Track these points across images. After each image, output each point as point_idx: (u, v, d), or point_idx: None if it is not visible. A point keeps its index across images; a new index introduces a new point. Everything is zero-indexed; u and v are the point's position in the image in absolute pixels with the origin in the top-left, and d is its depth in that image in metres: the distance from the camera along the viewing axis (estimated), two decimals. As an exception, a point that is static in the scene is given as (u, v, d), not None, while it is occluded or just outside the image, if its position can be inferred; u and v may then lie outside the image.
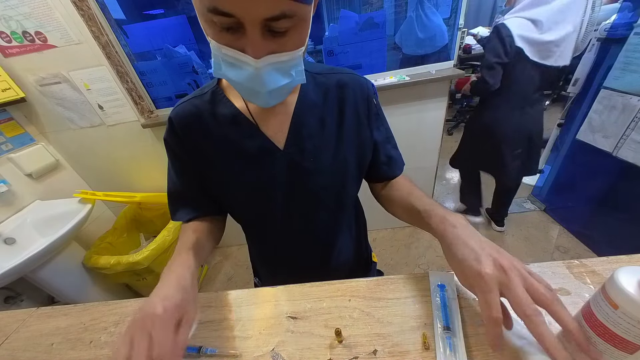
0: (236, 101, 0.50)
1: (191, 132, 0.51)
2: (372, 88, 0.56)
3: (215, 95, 0.51)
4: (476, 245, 0.37)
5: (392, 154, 0.61)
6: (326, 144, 0.52)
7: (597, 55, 1.53)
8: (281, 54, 0.36)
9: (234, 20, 0.32)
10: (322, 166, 0.52)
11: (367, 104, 0.55)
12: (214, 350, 0.45)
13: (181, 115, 0.51)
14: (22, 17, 1.16)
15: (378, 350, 0.42)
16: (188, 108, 0.51)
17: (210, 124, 0.51)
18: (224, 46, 0.35)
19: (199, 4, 0.34)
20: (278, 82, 0.39)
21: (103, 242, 1.49)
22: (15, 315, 0.61)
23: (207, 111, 0.51)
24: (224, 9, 0.31)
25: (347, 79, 0.54)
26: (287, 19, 0.33)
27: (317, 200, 0.55)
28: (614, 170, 1.44)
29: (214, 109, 0.51)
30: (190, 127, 0.51)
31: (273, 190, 0.53)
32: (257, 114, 0.50)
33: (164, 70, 1.42)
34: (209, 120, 0.51)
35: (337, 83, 0.53)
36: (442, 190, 2.35)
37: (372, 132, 0.57)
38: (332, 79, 0.53)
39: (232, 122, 0.50)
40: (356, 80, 0.54)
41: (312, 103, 0.51)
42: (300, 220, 0.57)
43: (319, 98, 0.52)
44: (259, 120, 0.50)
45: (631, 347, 0.30)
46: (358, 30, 1.36)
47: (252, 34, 0.33)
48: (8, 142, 1.34)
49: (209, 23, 0.35)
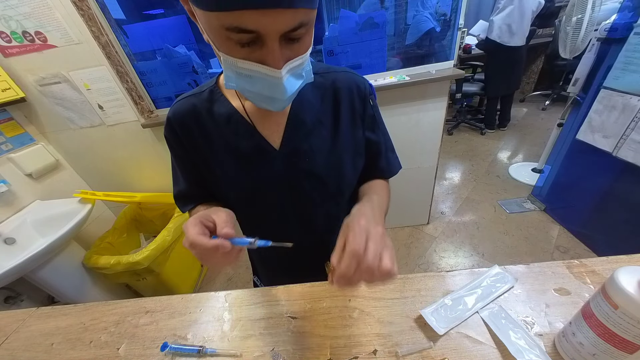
0: (233, 100, 0.50)
1: (189, 130, 0.52)
2: (370, 88, 0.56)
3: (213, 94, 0.51)
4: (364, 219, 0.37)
5: (390, 159, 0.61)
6: (322, 144, 0.52)
7: (597, 55, 1.53)
8: (295, 60, 0.37)
9: (253, 35, 0.32)
10: (317, 167, 0.52)
11: (363, 104, 0.54)
12: (214, 350, 0.45)
13: (178, 113, 0.52)
14: (22, 17, 1.16)
15: (378, 350, 0.42)
16: (185, 106, 0.51)
17: (207, 123, 0.51)
18: (240, 60, 0.35)
19: (214, 22, 0.32)
20: (294, 86, 0.40)
21: (103, 242, 1.48)
22: (15, 315, 0.61)
23: (204, 110, 0.51)
24: (247, 27, 0.31)
25: (344, 78, 0.53)
26: (303, 27, 0.34)
27: (313, 201, 0.55)
28: (614, 170, 1.44)
29: (211, 108, 0.51)
30: (187, 125, 0.51)
31: (269, 190, 0.53)
32: (254, 114, 0.50)
33: (164, 70, 1.42)
34: (206, 118, 0.51)
35: (334, 83, 0.53)
36: (442, 190, 2.35)
37: (366, 132, 0.56)
38: (329, 78, 0.53)
39: (229, 121, 0.50)
40: (353, 80, 0.54)
41: (308, 103, 0.51)
42: (297, 220, 0.57)
43: (315, 98, 0.52)
44: (255, 120, 0.50)
45: (631, 347, 0.30)
46: (358, 30, 1.36)
47: (272, 46, 0.33)
48: (8, 142, 1.34)
49: (223, 40, 0.34)
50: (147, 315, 0.55)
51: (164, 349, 0.47)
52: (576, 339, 0.36)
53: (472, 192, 2.28)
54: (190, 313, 0.54)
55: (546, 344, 0.41)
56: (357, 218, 0.37)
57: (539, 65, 3.81)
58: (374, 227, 0.35)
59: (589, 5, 1.51)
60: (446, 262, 1.73)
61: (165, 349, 0.47)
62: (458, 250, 1.78)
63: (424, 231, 1.96)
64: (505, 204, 2.08)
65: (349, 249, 0.33)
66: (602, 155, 1.44)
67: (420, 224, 2.01)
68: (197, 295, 0.58)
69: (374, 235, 0.34)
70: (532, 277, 0.50)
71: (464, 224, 1.97)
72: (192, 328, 0.51)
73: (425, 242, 1.87)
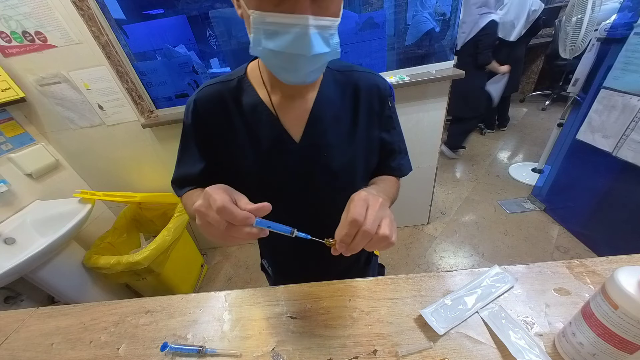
0: (260, 91, 0.51)
1: (214, 115, 0.52)
2: (390, 90, 0.57)
3: (242, 83, 0.52)
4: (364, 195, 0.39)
5: (402, 160, 0.63)
6: (339, 140, 0.53)
7: (597, 55, 1.53)
8: (324, 18, 0.38)
9: None
10: (334, 162, 0.54)
11: (381, 105, 0.56)
12: (214, 350, 0.45)
13: (205, 98, 0.52)
14: (22, 17, 1.16)
15: (378, 350, 0.42)
16: (212, 92, 0.52)
17: (233, 111, 0.52)
18: (269, 13, 0.36)
19: None
20: (321, 48, 0.40)
21: (103, 242, 1.48)
22: (15, 315, 0.61)
23: (230, 98, 0.52)
24: None
25: (366, 78, 0.55)
26: None
27: (325, 195, 0.56)
28: (614, 170, 1.44)
29: (237, 97, 0.52)
30: (213, 111, 0.52)
31: (284, 180, 0.54)
32: (278, 106, 0.51)
33: (164, 70, 1.42)
34: (232, 106, 0.52)
35: (356, 82, 0.54)
36: (442, 190, 2.35)
37: (381, 133, 0.58)
38: (351, 77, 0.54)
39: (254, 111, 0.51)
40: (374, 80, 0.56)
41: (329, 100, 0.53)
42: (307, 212, 0.58)
43: (336, 95, 0.53)
44: (280, 112, 0.51)
45: (631, 347, 0.30)
46: (358, 30, 1.36)
47: None
48: (8, 142, 1.34)
49: None
50: (147, 315, 0.55)
51: (164, 349, 0.47)
52: (576, 339, 0.36)
53: (472, 192, 2.28)
54: (190, 313, 0.54)
55: (546, 344, 0.41)
56: (359, 192, 0.40)
57: (539, 65, 3.81)
58: (373, 197, 0.38)
59: (589, 5, 1.51)
60: (446, 262, 1.73)
61: (165, 349, 0.47)
62: (458, 250, 1.78)
63: (424, 231, 1.96)
64: (505, 204, 2.08)
65: (349, 217, 0.36)
66: (602, 155, 1.44)
67: (420, 224, 2.01)
68: (197, 295, 0.58)
69: (373, 204, 0.37)
70: (532, 277, 0.50)
71: (464, 224, 1.97)
72: (192, 328, 0.51)
73: (425, 242, 1.87)
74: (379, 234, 0.36)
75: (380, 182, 0.58)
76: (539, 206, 1.99)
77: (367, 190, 0.41)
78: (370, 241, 0.36)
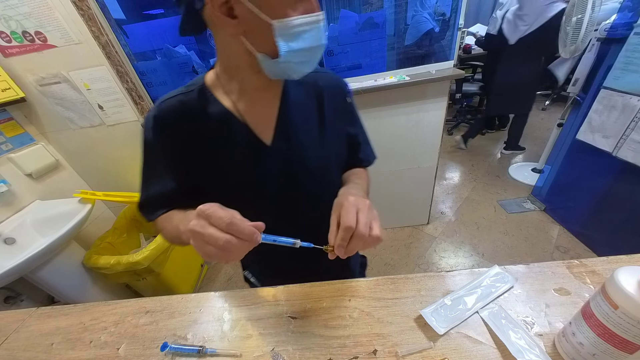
0: (223, 100, 0.51)
1: (179, 129, 0.50)
2: (347, 87, 0.62)
3: (203, 94, 0.51)
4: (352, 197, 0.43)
5: (367, 150, 0.67)
6: (311, 140, 0.55)
7: (597, 55, 1.53)
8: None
9: None
10: (309, 161, 0.54)
11: (343, 101, 0.60)
12: (214, 350, 0.45)
13: (167, 112, 0.50)
14: (22, 17, 1.16)
15: (378, 350, 0.42)
16: (174, 105, 0.50)
17: (199, 122, 0.50)
18: (296, 17, 0.40)
19: None
20: None
21: (103, 242, 1.48)
22: (15, 315, 0.61)
23: (195, 109, 0.50)
24: None
25: (326, 78, 0.58)
26: None
27: (306, 195, 0.57)
28: (614, 170, 1.44)
29: (201, 107, 0.50)
30: (177, 124, 0.50)
31: (263, 186, 0.54)
32: (245, 112, 0.51)
33: (164, 70, 1.42)
34: (197, 118, 0.50)
35: (316, 81, 0.57)
36: (442, 190, 2.35)
37: (347, 127, 0.62)
38: (311, 78, 0.56)
39: (221, 120, 0.50)
40: (333, 79, 0.59)
41: (294, 101, 0.54)
42: (291, 215, 0.58)
43: (300, 96, 0.55)
44: (247, 118, 0.51)
45: (631, 347, 0.30)
46: (358, 30, 1.36)
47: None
48: (8, 142, 1.34)
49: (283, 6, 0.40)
50: (147, 315, 0.55)
51: (164, 349, 0.47)
52: (576, 339, 0.36)
53: (472, 192, 2.28)
54: (190, 313, 0.54)
55: (546, 344, 0.41)
56: (346, 196, 0.43)
57: (539, 65, 3.80)
58: (361, 201, 0.41)
59: (589, 5, 1.51)
60: (446, 262, 1.73)
61: (165, 349, 0.47)
62: (458, 250, 1.78)
63: (424, 231, 1.96)
64: (505, 204, 2.08)
65: (343, 223, 0.39)
66: (602, 155, 1.44)
67: (420, 224, 2.01)
68: (197, 295, 0.58)
69: (362, 208, 0.40)
70: (532, 277, 0.50)
71: (464, 224, 1.97)
72: (192, 328, 0.51)
73: (425, 242, 1.87)
74: (372, 235, 0.39)
75: (355, 179, 0.60)
76: (539, 206, 1.99)
77: (353, 193, 0.45)
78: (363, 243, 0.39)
